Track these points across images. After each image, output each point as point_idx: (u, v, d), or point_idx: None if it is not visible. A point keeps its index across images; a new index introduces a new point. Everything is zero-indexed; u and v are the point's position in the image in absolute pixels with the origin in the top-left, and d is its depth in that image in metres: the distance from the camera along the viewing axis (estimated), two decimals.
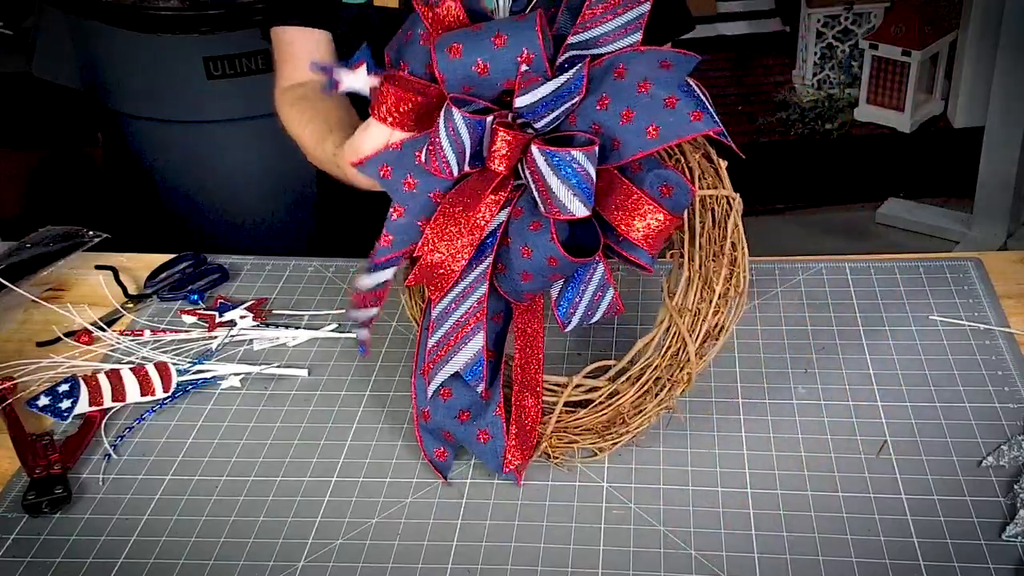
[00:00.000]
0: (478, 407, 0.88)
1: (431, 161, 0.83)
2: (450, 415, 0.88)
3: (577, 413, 0.89)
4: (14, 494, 0.91)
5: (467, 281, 0.88)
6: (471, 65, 0.82)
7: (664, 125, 0.78)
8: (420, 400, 0.90)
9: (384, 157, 0.87)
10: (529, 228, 0.84)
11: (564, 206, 0.80)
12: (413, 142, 0.86)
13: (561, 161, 0.79)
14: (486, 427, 0.87)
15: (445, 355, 0.87)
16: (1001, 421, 0.92)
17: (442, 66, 0.82)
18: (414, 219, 0.87)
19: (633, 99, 0.79)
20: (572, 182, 0.79)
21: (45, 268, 1.22)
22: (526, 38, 0.81)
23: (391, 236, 0.88)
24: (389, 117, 0.85)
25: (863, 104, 2.68)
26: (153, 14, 1.89)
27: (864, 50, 2.62)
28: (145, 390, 1.01)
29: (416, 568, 0.82)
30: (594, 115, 0.81)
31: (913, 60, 2.56)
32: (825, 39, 2.62)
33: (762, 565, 0.80)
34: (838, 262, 1.15)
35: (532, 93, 0.81)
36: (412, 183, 0.86)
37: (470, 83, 0.83)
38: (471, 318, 0.87)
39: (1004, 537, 0.80)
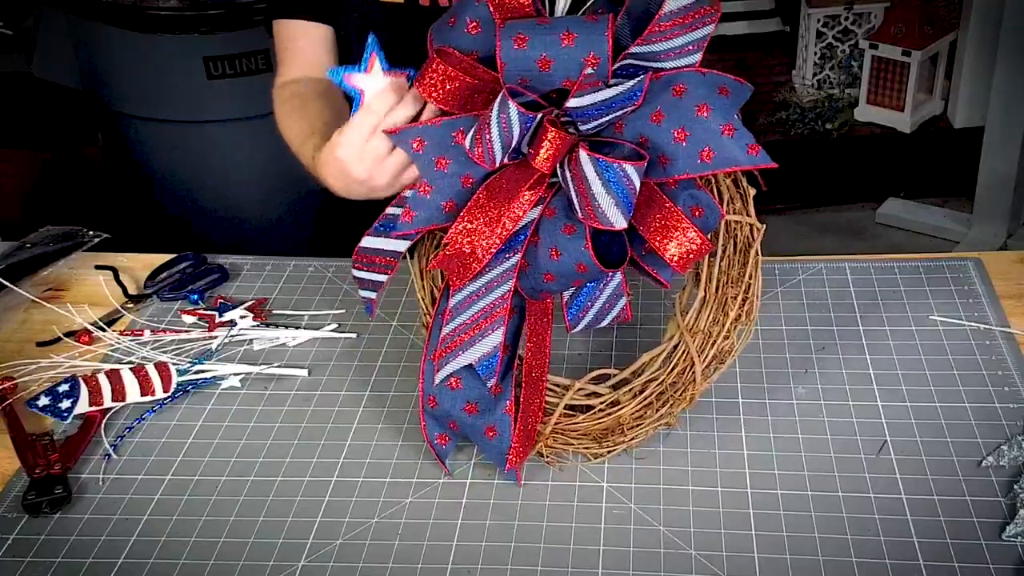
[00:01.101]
0: (486, 402, 0.87)
1: (475, 147, 0.83)
2: (457, 405, 0.88)
3: (576, 418, 0.89)
4: (14, 494, 0.92)
5: (493, 274, 0.87)
6: (535, 59, 0.80)
7: (719, 151, 0.78)
8: (427, 385, 0.89)
9: (421, 131, 0.86)
10: (561, 231, 0.84)
11: (604, 215, 0.79)
12: (452, 122, 0.85)
13: (610, 170, 0.78)
14: (494, 424, 0.87)
15: (461, 344, 0.86)
16: (1001, 421, 0.92)
17: (505, 54, 0.81)
18: (440, 199, 0.86)
19: (690, 120, 0.79)
20: (617, 193, 0.78)
21: (45, 268, 1.22)
22: (595, 41, 0.79)
23: (413, 212, 0.87)
24: (433, 92, 0.83)
25: (863, 104, 2.68)
26: (153, 14, 1.89)
27: (864, 50, 2.62)
28: (145, 390, 1.01)
29: (416, 568, 0.82)
30: (644, 128, 0.80)
31: (913, 60, 2.56)
32: (825, 39, 2.62)
33: (762, 565, 0.80)
34: (838, 262, 1.15)
35: (589, 96, 0.80)
36: (445, 163, 0.85)
37: (529, 75, 0.81)
38: (494, 312, 0.86)
39: (1004, 537, 0.80)
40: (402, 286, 1.16)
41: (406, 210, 0.87)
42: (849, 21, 2.60)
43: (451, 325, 0.87)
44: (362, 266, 0.94)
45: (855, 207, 2.69)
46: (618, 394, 0.88)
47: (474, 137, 0.83)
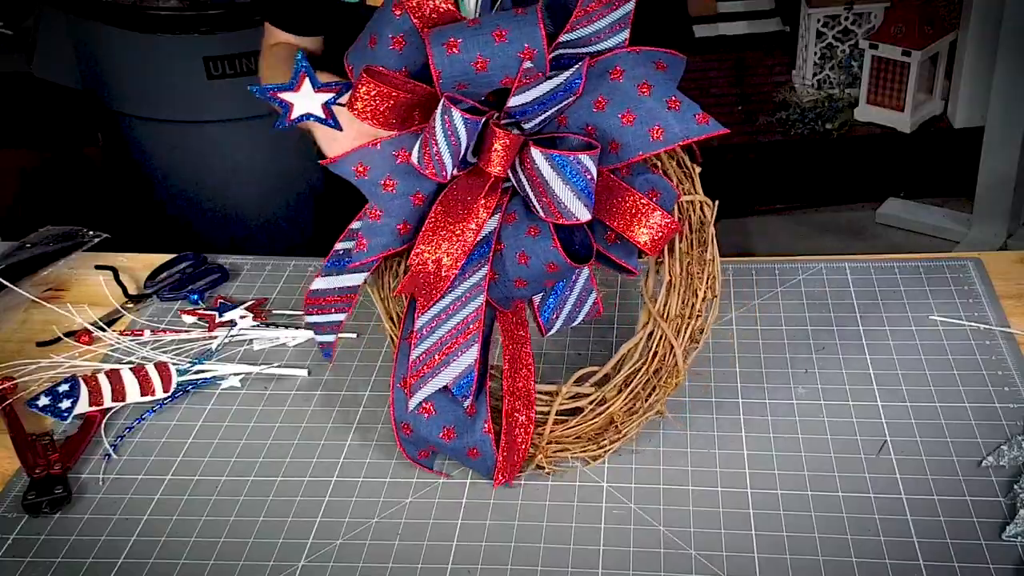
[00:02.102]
0: (463, 424, 0.86)
1: (424, 162, 0.81)
2: (433, 432, 0.86)
3: (568, 422, 0.89)
4: (14, 494, 0.92)
5: (461, 290, 0.85)
6: (470, 61, 0.79)
7: (668, 127, 0.78)
8: (400, 412, 0.87)
9: (360, 155, 0.83)
10: (526, 234, 0.82)
11: (567, 210, 0.78)
12: (392, 142, 0.83)
13: (566, 163, 0.77)
14: (475, 445, 0.86)
15: (433, 367, 0.84)
16: (1001, 421, 0.92)
17: (439, 61, 0.79)
18: (394, 223, 0.84)
19: (634, 101, 0.78)
20: (577, 186, 0.77)
21: (45, 268, 1.22)
22: (528, 33, 0.78)
23: (367, 240, 0.85)
24: (368, 113, 0.81)
25: (863, 104, 2.67)
26: (153, 14, 1.89)
27: (864, 50, 2.62)
28: (145, 390, 1.01)
29: (416, 568, 0.82)
30: (588, 117, 0.80)
31: (913, 60, 2.56)
32: (825, 39, 2.62)
33: (762, 565, 0.80)
34: (838, 262, 1.15)
35: (529, 92, 0.79)
36: (391, 184, 0.83)
37: (466, 80, 0.80)
38: (466, 329, 0.84)
39: (1004, 537, 0.80)
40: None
41: (359, 240, 0.85)
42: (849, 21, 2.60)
43: (421, 347, 0.85)
44: (316, 310, 0.91)
45: (855, 207, 2.69)
46: (604, 391, 0.88)
47: (421, 152, 0.81)
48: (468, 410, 0.85)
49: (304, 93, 0.84)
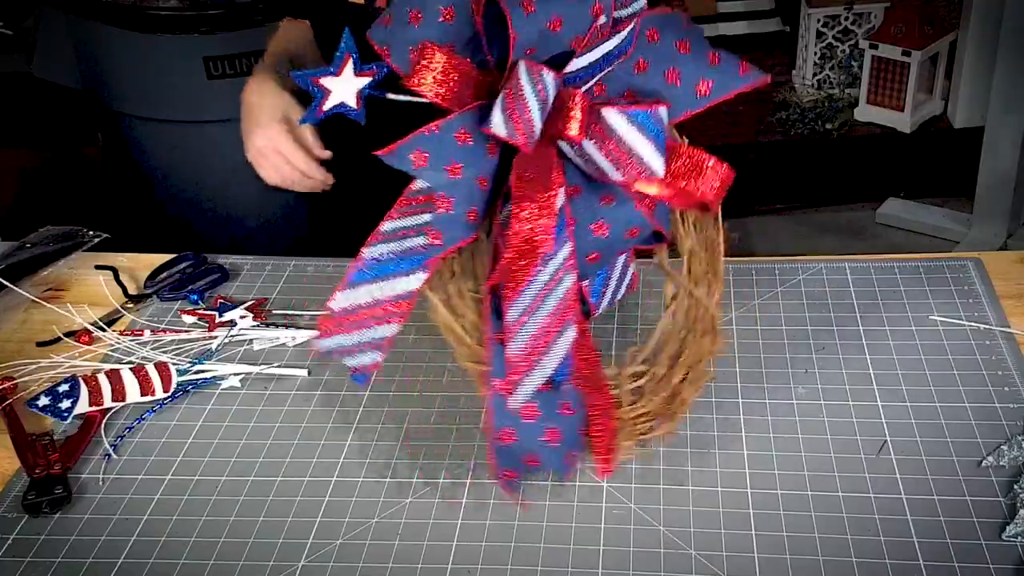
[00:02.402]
0: (567, 423, 0.81)
1: (513, 129, 0.74)
2: (537, 435, 0.80)
3: (640, 401, 0.86)
4: (14, 494, 0.92)
5: (551, 268, 0.78)
6: (546, 21, 0.74)
7: (715, 80, 0.77)
8: (500, 418, 0.79)
9: (417, 142, 0.76)
10: (600, 203, 0.78)
11: (647, 166, 0.75)
12: (451, 123, 0.76)
13: (647, 117, 0.74)
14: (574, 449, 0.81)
15: (534, 360, 0.78)
16: (1001, 421, 0.92)
17: (517, 22, 0.73)
18: (464, 210, 0.78)
19: (677, 60, 0.77)
20: (657, 139, 0.75)
21: (45, 268, 1.22)
22: None
23: (440, 232, 0.78)
24: (440, 90, 0.75)
25: (863, 104, 2.68)
26: (153, 14, 1.89)
27: (864, 50, 2.62)
28: (145, 390, 1.01)
29: (416, 568, 0.82)
30: (630, 80, 0.78)
31: (913, 60, 2.56)
32: (825, 39, 2.62)
33: (762, 565, 0.80)
34: (838, 262, 1.15)
35: (592, 53, 0.75)
36: (456, 168, 0.76)
37: (538, 42, 0.74)
38: (564, 310, 0.78)
39: (1004, 537, 0.80)
40: None
41: (430, 235, 0.78)
42: (849, 21, 2.60)
43: (519, 340, 0.78)
44: (346, 329, 0.80)
45: (855, 207, 2.69)
46: (658, 364, 0.86)
47: (507, 118, 0.74)
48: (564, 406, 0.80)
49: (345, 77, 0.78)
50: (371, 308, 0.80)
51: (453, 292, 0.85)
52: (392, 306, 0.80)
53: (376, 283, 0.80)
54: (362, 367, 0.82)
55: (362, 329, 0.80)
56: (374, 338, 0.81)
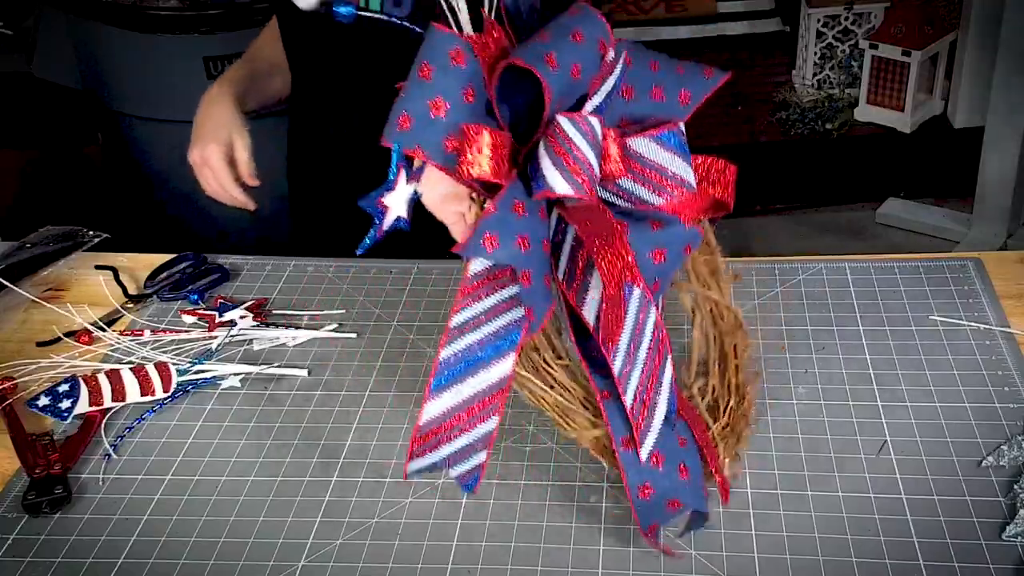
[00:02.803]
0: (690, 454, 0.80)
1: (578, 181, 0.73)
2: (673, 477, 0.78)
3: (720, 413, 0.86)
4: (14, 494, 0.91)
5: (633, 311, 0.77)
6: (568, 70, 0.74)
7: (691, 88, 0.80)
8: (634, 474, 0.77)
9: (484, 227, 0.73)
10: (652, 231, 0.77)
11: (684, 180, 0.78)
12: (504, 200, 0.74)
13: (672, 136, 0.77)
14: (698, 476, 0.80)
15: (649, 406, 0.77)
16: (1001, 421, 0.92)
17: (548, 78, 0.72)
18: (542, 279, 0.75)
19: (655, 78, 0.80)
20: (685, 153, 0.78)
21: (45, 268, 1.22)
22: (597, 26, 0.76)
23: (533, 306, 0.75)
24: (494, 168, 0.73)
25: (863, 104, 2.68)
26: (153, 14, 1.89)
27: (864, 50, 2.62)
28: (145, 390, 1.01)
29: (416, 568, 0.82)
30: (622, 109, 0.79)
31: (913, 60, 2.56)
32: (825, 39, 2.62)
33: (762, 565, 0.80)
34: (838, 262, 1.15)
35: (604, 87, 0.77)
36: (524, 240, 0.74)
37: (566, 92, 0.75)
38: (658, 348, 0.78)
39: (1004, 537, 0.80)
40: (401, 287, 1.16)
41: (527, 310, 0.75)
42: (849, 21, 2.60)
43: (630, 390, 0.77)
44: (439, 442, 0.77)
45: (855, 207, 2.69)
46: (711, 375, 0.87)
47: (569, 175, 0.73)
48: (680, 441, 0.79)
49: (400, 189, 0.77)
50: (467, 407, 0.77)
51: (541, 366, 0.82)
52: (490, 398, 0.77)
53: (468, 378, 0.77)
54: (470, 473, 0.79)
55: (462, 433, 0.77)
56: (478, 438, 0.77)
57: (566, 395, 0.81)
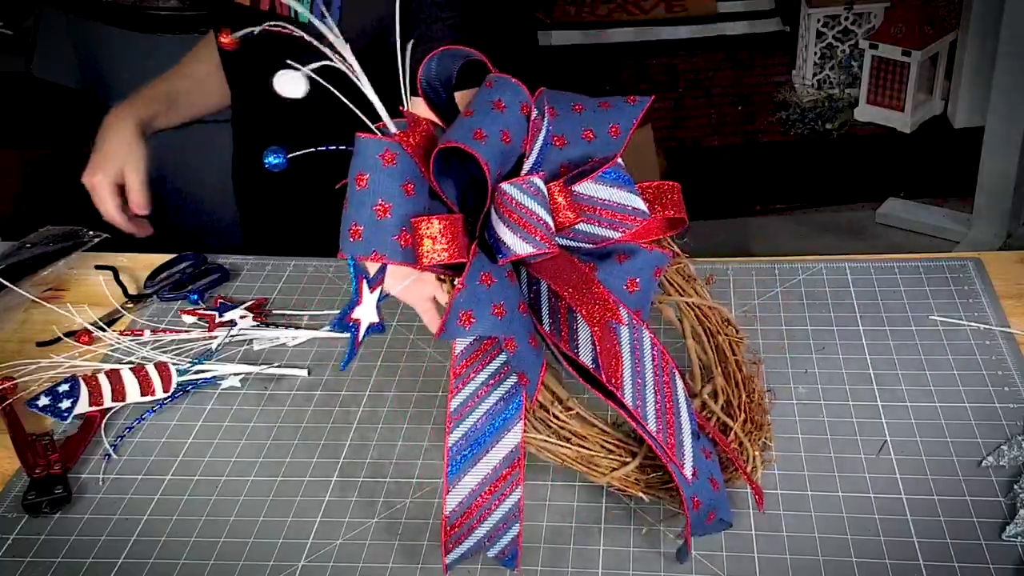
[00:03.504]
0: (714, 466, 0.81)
1: (538, 239, 0.75)
2: (709, 490, 0.79)
3: (729, 428, 0.85)
4: (14, 494, 0.92)
5: (628, 342, 0.79)
6: (498, 139, 0.76)
7: (619, 121, 0.84)
8: (689, 490, 0.78)
9: (457, 307, 0.74)
10: (620, 263, 0.80)
11: (637, 210, 0.80)
12: (470, 275, 0.75)
13: (614, 172, 0.80)
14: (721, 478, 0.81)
15: (674, 427, 0.78)
16: (1001, 421, 0.92)
17: (484, 153, 0.75)
18: (526, 341, 0.77)
19: (581, 120, 0.83)
20: (630, 185, 0.80)
21: (45, 268, 1.22)
22: (515, 91, 0.79)
23: (523, 371, 0.76)
24: (448, 251, 0.75)
25: (863, 104, 2.68)
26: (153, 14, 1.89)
27: (864, 50, 2.62)
28: (145, 390, 1.01)
29: (416, 568, 0.82)
30: (559, 157, 0.82)
31: (913, 60, 2.56)
32: (825, 39, 2.62)
33: (762, 565, 0.80)
34: (838, 262, 1.15)
35: (536, 144, 0.80)
36: (500, 308, 0.75)
37: (502, 160, 0.77)
38: (662, 367, 0.79)
39: (1004, 537, 0.80)
40: None
41: (521, 377, 0.76)
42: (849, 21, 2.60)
43: (650, 416, 0.78)
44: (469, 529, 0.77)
45: (855, 207, 2.69)
46: (717, 375, 0.87)
47: (529, 236, 0.75)
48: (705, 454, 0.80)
49: (365, 302, 0.79)
50: (490, 486, 0.77)
51: (551, 422, 0.81)
52: (508, 471, 0.77)
53: (481, 458, 0.77)
54: (509, 547, 0.78)
55: (490, 513, 0.77)
56: (507, 512, 0.77)
57: (585, 444, 0.81)
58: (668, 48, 2.63)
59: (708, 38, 2.64)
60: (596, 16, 2.44)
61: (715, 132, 2.63)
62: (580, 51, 2.45)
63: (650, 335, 0.81)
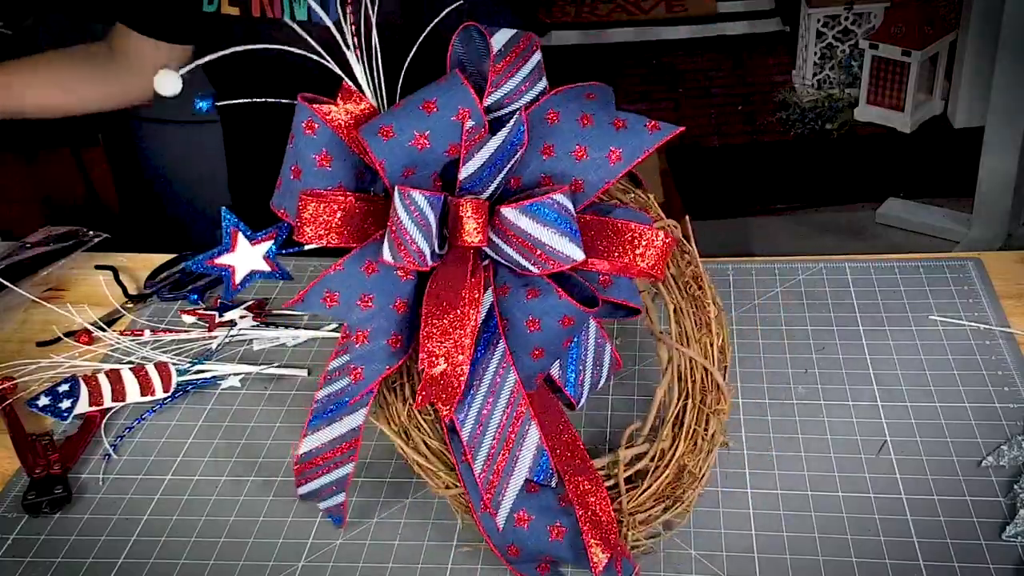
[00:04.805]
0: (569, 514, 0.77)
1: (401, 257, 0.74)
2: (543, 539, 0.77)
3: (640, 486, 0.81)
4: (14, 494, 0.92)
5: (489, 376, 0.77)
6: (409, 141, 0.74)
7: (624, 146, 0.76)
8: (498, 538, 0.77)
9: (325, 283, 0.75)
10: (527, 299, 0.77)
11: (560, 255, 0.74)
12: (354, 258, 0.76)
13: (541, 207, 0.73)
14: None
15: (503, 472, 0.76)
16: (1001, 421, 0.92)
17: (378, 151, 0.73)
18: (382, 340, 0.76)
19: (580, 134, 0.76)
20: (561, 226, 0.73)
21: (45, 268, 1.22)
22: (456, 95, 0.75)
23: (359, 367, 0.76)
24: (322, 233, 0.75)
25: (863, 104, 2.67)
26: None
27: (864, 50, 2.62)
28: (145, 390, 1.01)
29: (416, 568, 0.82)
30: (541, 168, 0.77)
31: (913, 60, 2.56)
32: (825, 39, 2.62)
33: (762, 565, 0.80)
34: (838, 262, 1.15)
35: (478, 155, 0.75)
36: (368, 300, 0.76)
37: (411, 162, 0.75)
38: (516, 412, 0.77)
39: (1004, 537, 0.80)
40: None
41: (352, 371, 0.76)
42: (849, 21, 2.60)
43: (480, 457, 0.77)
44: (313, 475, 0.82)
45: (855, 207, 2.69)
46: (660, 440, 0.81)
47: (393, 247, 0.74)
48: (562, 500, 0.77)
49: (241, 251, 0.81)
50: (326, 453, 0.82)
51: (408, 422, 0.82)
52: (341, 449, 0.81)
53: (325, 427, 0.81)
54: (334, 508, 0.84)
55: (326, 473, 0.82)
56: (337, 479, 0.82)
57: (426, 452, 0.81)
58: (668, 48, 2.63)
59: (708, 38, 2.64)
60: (596, 16, 2.44)
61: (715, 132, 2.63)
62: (580, 51, 2.45)
63: (519, 385, 0.77)
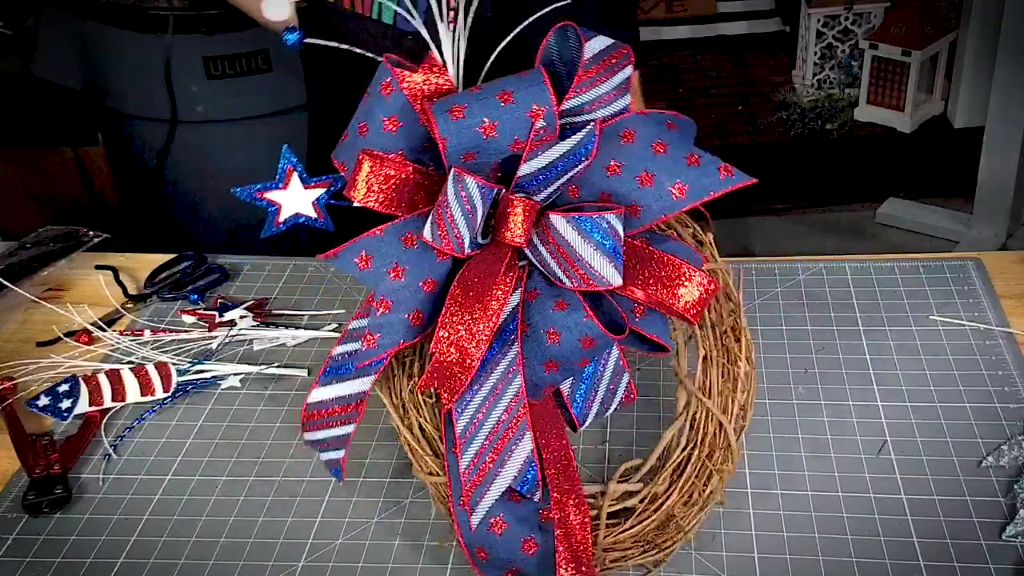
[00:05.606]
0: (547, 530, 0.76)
1: (440, 238, 0.73)
2: (515, 549, 0.76)
3: (621, 525, 0.78)
4: (14, 494, 0.92)
5: (495, 376, 0.76)
6: (477, 126, 0.73)
7: (692, 183, 0.74)
8: (468, 536, 0.76)
9: (363, 245, 0.75)
10: (552, 310, 0.75)
11: (597, 275, 0.72)
12: (397, 226, 0.75)
13: (591, 224, 0.72)
14: None
15: (487, 473, 0.75)
16: (1001, 421, 0.92)
17: (443, 129, 0.72)
18: (404, 314, 0.75)
19: (651, 160, 0.74)
20: (606, 247, 0.72)
21: (45, 268, 1.22)
22: (534, 92, 0.73)
23: (376, 335, 0.76)
24: (373, 195, 0.75)
25: (863, 104, 2.68)
26: (153, 14, 1.89)
27: (864, 50, 2.62)
28: (145, 390, 1.01)
29: (416, 568, 0.82)
30: (603, 184, 0.75)
31: (913, 60, 2.56)
32: (825, 39, 2.62)
33: (762, 565, 0.80)
34: (838, 262, 1.15)
35: (541, 157, 0.74)
36: (399, 272, 0.75)
37: (474, 147, 0.73)
38: (514, 418, 0.75)
39: (1004, 537, 0.80)
40: None
41: (366, 337, 0.76)
42: (849, 21, 2.60)
43: (469, 453, 0.75)
44: (316, 425, 0.81)
45: (855, 207, 2.69)
46: (655, 485, 0.79)
47: (435, 227, 0.73)
48: (543, 515, 0.76)
49: (293, 191, 0.80)
50: (333, 407, 0.81)
51: (408, 399, 0.82)
52: (346, 408, 0.80)
53: (334, 383, 0.80)
54: (333, 462, 0.82)
55: (327, 426, 0.82)
56: (337, 436, 0.81)
57: (419, 434, 0.81)
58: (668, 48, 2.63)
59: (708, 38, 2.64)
60: None
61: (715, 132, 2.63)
62: None
63: (523, 392, 0.76)
